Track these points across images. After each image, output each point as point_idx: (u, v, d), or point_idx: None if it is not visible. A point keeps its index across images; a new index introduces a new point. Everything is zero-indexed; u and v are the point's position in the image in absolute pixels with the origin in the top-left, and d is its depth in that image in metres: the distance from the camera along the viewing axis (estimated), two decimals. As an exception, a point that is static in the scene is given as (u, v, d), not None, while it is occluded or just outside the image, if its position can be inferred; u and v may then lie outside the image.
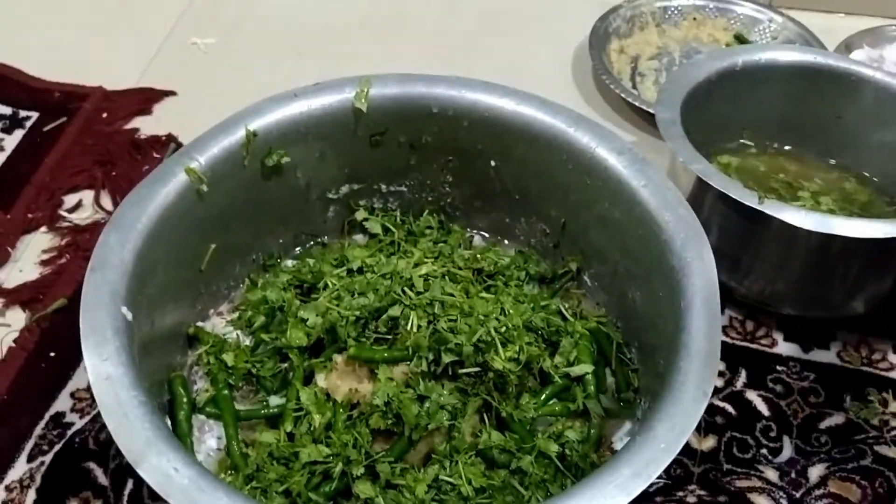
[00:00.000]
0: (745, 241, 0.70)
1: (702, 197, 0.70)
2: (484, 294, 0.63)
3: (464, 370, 0.57)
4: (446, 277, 0.62)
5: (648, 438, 0.46)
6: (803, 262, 0.70)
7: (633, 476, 0.45)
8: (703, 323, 0.52)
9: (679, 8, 1.03)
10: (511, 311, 0.62)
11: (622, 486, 0.44)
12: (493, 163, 0.69)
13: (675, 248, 0.56)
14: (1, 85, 0.95)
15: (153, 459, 0.45)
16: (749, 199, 0.66)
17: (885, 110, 0.78)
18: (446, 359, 0.57)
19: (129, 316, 0.52)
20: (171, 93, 0.95)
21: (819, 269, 0.70)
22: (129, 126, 0.91)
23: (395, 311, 0.59)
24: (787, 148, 0.82)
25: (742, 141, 0.83)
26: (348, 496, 0.56)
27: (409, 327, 0.58)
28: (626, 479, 0.45)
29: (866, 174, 0.80)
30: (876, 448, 0.65)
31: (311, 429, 0.58)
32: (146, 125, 0.91)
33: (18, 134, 0.90)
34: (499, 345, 0.58)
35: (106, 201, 0.84)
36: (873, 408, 0.68)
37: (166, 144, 0.88)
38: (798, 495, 0.62)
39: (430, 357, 0.57)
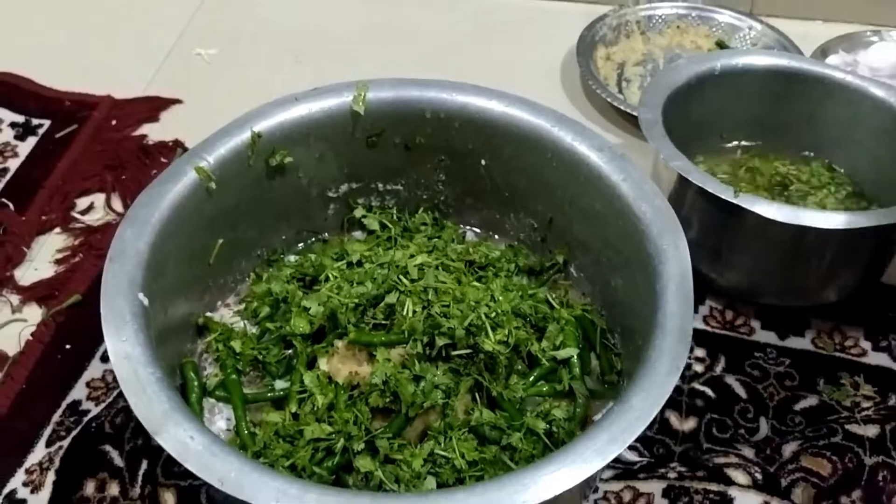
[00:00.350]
0: (723, 234, 0.74)
1: (682, 193, 0.74)
2: (475, 283, 0.67)
3: (456, 352, 0.61)
4: (440, 268, 0.66)
5: (624, 409, 0.50)
6: (778, 253, 0.74)
7: (609, 441, 0.48)
8: (677, 305, 0.56)
9: (663, 17, 1.08)
10: (500, 297, 0.66)
11: (599, 450, 0.48)
12: (483, 162, 0.73)
13: (652, 237, 0.60)
14: (14, 94, 0.99)
15: (171, 429, 0.49)
16: (725, 192, 0.70)
17: (856, 111, 0.82)
18: (440, 342, 0.61)
19: (146, 302, 0.56)
20: (177, 101, 0.99)
21: (792, 260, 0.74)
22: (137, 132, 0.95)
23: (391, 297, 0.63)
24: (761, 146, 0.86)
25: (722, 144, 0.87)
26: (350, 470, 0.59)
27: (404, 313, 0.62)
28: (604, 445, 0.48)
29: (839, 169, 0.84)
30: (847, 427, 0.69)
31: (315, 409, 0.61)
32: (153, 132, 0.96)
33: (32, 141, 0.94)
34: (489, 328, 0.62)
35: (116, 203, 0.88)
36: (845, 390, 0.72)
37: (173, 149, 0.93)
38: (772, 469, 0.65)
39: (425, 340, 0.61)
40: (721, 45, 1.05)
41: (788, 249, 0.73)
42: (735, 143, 0.87)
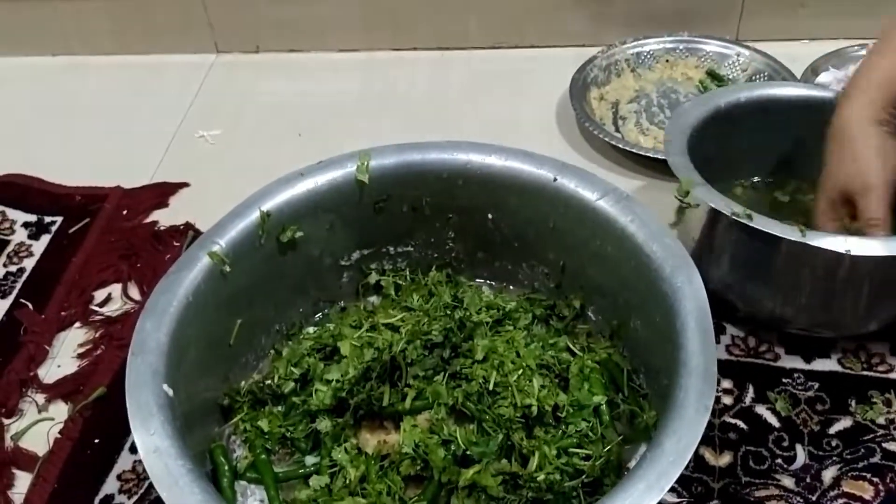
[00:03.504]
0: (764, 268, 0.71)
1: (714, 228, 0.73)
2: (496, 338, 0.67)
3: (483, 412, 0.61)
4: (461, 327, 0.67)
5: (657, 454, 0.50)
6: (822, 284, 0.70)
7: (646, 490, 0.48)
8: (698, 341, 0.56)
9: (651, 52, 1.10)
10: (523, 353, 0.66)
11: (638, 499, 0.48)
12: (489, 216, 0.74)
13: (665, 276, 0.60)
14: (25, 194, 1.01)
15: (205, 521, 0.49)
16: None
17: None
18: (470, 409, 0.61)
19: (171, 392, 0.56)
20: (185, 184, 1.01)
21: (834, 291, 0.71)
22: (148, 219, 0.97)
23: (416, 366, 0.64)
24: (784, 179, 0.86)
25: (748, 179, 0.86)
26: (387, 542, 0.59)
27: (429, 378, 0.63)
28: (641, 493, 0.48)
29: None
30: (884, 445, 0.68)
31: (347, 482, 0.61)
32: (164, 217, 0.97)
33: (45, 238, 0.96)
34: (515, 390, 0.62)
35: (133, 292, 0.89)
36: (878, 408, 0.71)
37: (185, 232, 0.94)
38: (814, 498, 0.64)
39: (450, 403, 0.61)
40: (712, 75, 1.07)
41: (830, 279, 0.69)
42: (754, 178, 0.87)
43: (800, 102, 0.83)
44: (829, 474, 0.66)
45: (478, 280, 0.78)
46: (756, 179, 0.87)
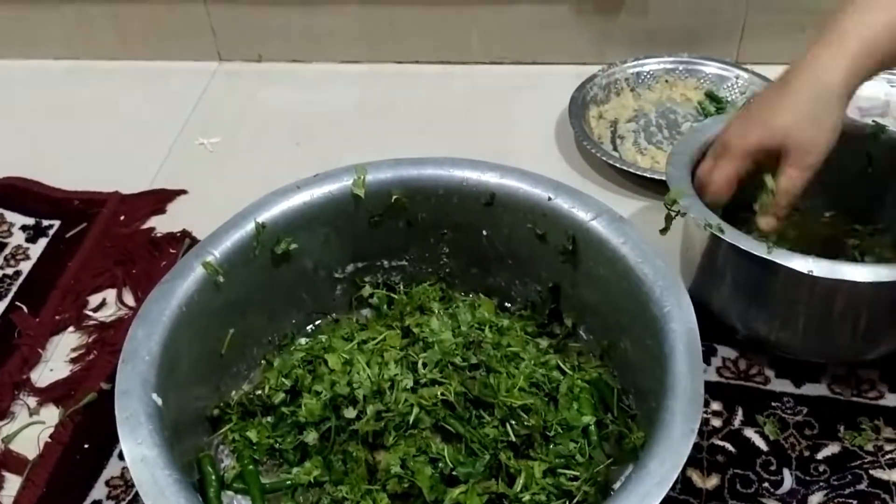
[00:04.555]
0: (758, 290, 0.71)
1: (715, 249, 0.73)
2: (490, 354, 0.68)
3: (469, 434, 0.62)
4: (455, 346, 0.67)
5: (642, 475, 0.50)
6: (815, 309, 0.70)
7: (631, 512, 0.48)
8: (686, 365, 0.56)
9: (651, 72, 1.10)
10: (515, 372, 0.66)
11: (622, 521, 0.48)
12: (484, 232, 0.74)
13: (656, 298, 0.61)
14: (24, 198, 1.02)
15: (190, 531, 0.49)
16: (759, 249, 0.67)
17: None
18: (455, 428, 0.61)
19: (160, 402, 0.57)
20: (183, 191, 1.01)
21: (831, 317, 0.70)
22: (145, 226, 0.97)
23: (403, 381, 0.64)
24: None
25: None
26: (372, 558, 0.59)
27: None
28: (625, 515, 0.48)
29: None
30: (871, 472, 0.68)
31: (332, 500, 0.62)
32: (161, 223, 0.97)
33: (42, 242, 0.96)
34: (505, 408, 0.63)
35: (128, 298, 0.89)
36: (867, 435, 0.71)
37: (181, 240, 0.94)
38: (800, 523, 0.65)
39: (439, 419, 0.61)
40: (711, 96, 1.07)
41: (825, 305, 0.69)
42: None
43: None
44: (815, 500, 0.66)
45: (471, 295, 0.79)
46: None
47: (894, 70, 1.03)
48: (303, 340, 0.76)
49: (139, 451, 0.53)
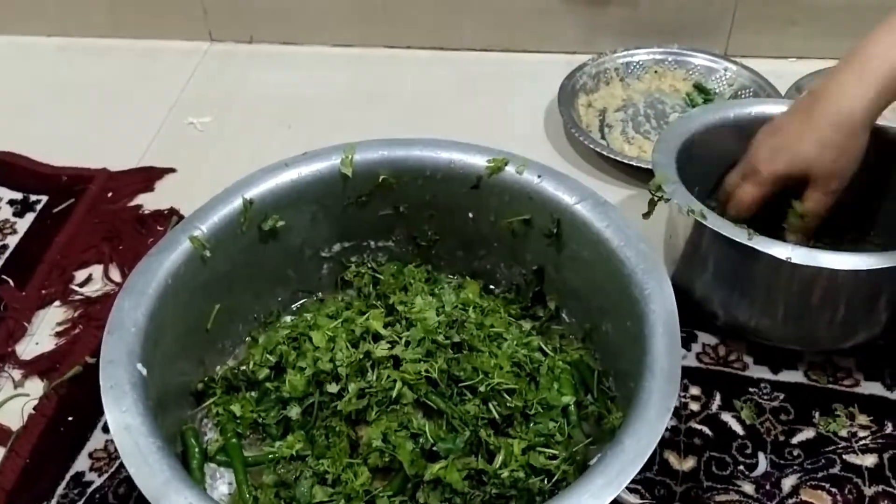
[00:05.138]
0: (739, 277, 0.72)
1: (698, 236, 0.74)
2: (474, 334, 0.69)
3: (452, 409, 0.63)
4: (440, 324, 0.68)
5: (617, 451, 0.51)
6: (794, 296, 0.71)
7: (605, 485, 0.49)
8: (664, 346, 0.57)
9: (640, 62, 1.11)
10: (498, 352, 0.67)
11: (595, 494, 0.49)
12: (470, 214, 0.75)
13: (637, 281, 0.62)
14: (12, 172, 1.01)
15: (172, 497, 0.49)
16: (739, 235, 0.68)
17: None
18: (437, 404, 0.62)
19: (144, 372, 0.57)
20: (171, 170, 1.02)
21: (809, 305, 0.71)
22: (133, 203, 0.97)
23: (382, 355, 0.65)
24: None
25: None
26: (352, 531, 0.60)
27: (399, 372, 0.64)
28: (599, 489, 0.49)
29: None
30: (845, 457, 0.69)
31: (314, 473, 0.62)
32: (149, 201, 0.98)
33: (30, 217, 0.96)
34: (484, 388, 0.63)
35: (114, 274, 0.89)
36: (841, 421, 0.72)
37: (169, 217, 0.94)
38: (773, 505, 0.66)
39: (420, 395, 0.62)
40: (699, 88, 1.08)
41: (804, 293, 0.70)
42: None
43: None
44: (788, 482, 0.67)
45: (456, 276, 0.79)
46: None
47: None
48: (288, 318, 0.77)
49: (123, 419, 0.53)
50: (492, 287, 0.79)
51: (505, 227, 0.74)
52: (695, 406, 0.74)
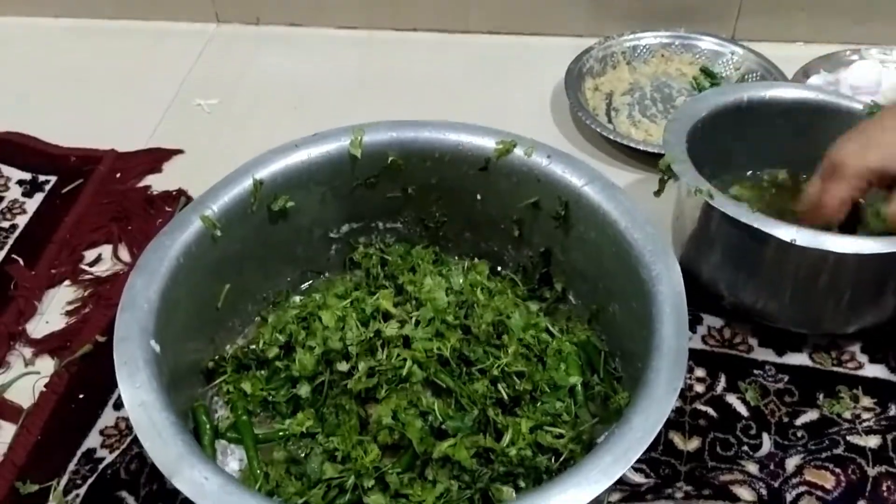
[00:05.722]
0: (745, 258, 0.72)
1: (706, 218, 0.74)
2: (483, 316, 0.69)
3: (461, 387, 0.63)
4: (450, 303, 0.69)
5: (625, 430, 0.52)
6: (800, 279, 0.71)
7: (613, 462, 0.50)
8: (672, 326, 0.57)
9: (647, 46, 1.11)
10: (505, 336, 0.68)
11: (604, 471, 0.50)
12: (478, 196, 0.75)
13: (645, 262, 0.62)
14: (21, 153, 1.02)
15: (186, 471, 0.50)
16: (745, 216, 0.68)
17: None
18: (446, 383, 0.63)
19: (157, 349, 0.58)
20: (179, 151, 1.02)
21: (815, 288, 0.71)
22: (141, 184, 0.98)
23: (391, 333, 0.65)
24: (786, 178, 0.85)
25: (750, 173, 0.85)
26: (362, 507, 0.61)
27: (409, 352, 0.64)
28: (608, 465, 0.50)
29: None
30: (848, 438, 0.70)
31: (324, 450, 0.63)
32: (157, 182, 0.98)
33: (38, 197, 0.97)
34: (494, 370, 0.64)
35: (124, 254, 0.90)
36: (845, 403, 0.73)
37: (177, 198, 0.95)
38: (776, 484, 0.66)
39: (429, 375, 0.63)
40: (706, 72, 1.08)
41: (810, 276, 0.71)
42: (769, 174, 0.85)
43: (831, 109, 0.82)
44: (792, 462, 0.68)
45: (464, 258, 0.80)
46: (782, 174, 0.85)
47: (887, 49, 1.04)
48: (297, 299, 0.77)
49: (138, 394, 0.54)
50: (499, 269, 0.79)
51: (512, 210, 0.74)
52: (700, 388, 0.75)
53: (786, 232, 0.67)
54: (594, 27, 1.13)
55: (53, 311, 0.85)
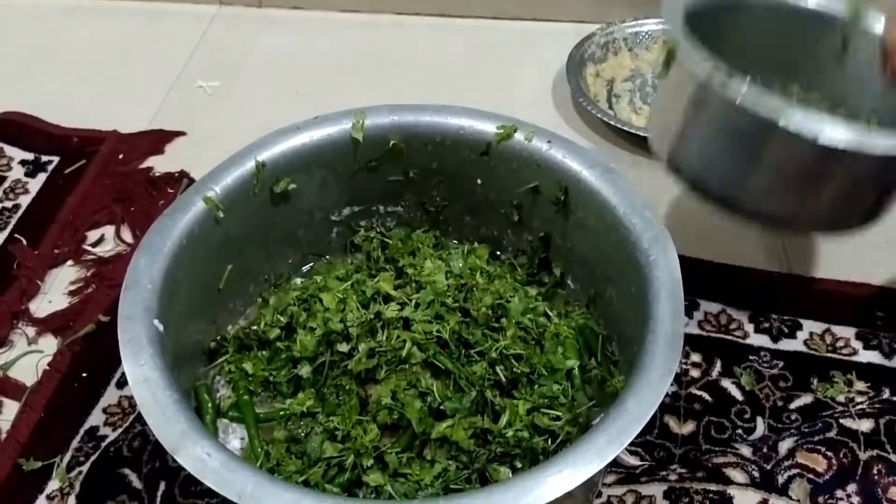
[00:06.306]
0: (734, 142, 0.65)
1: (696, 105, 0.67)
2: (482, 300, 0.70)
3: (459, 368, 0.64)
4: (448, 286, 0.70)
5: (620, 412, 0.52)
6: (787, 165, 0.64)
7: (607, 443, 0.51)
8: (668, 310, 0.58)
9: (649, 33, 1.11)
10: (504, 320, 0.69)
11: (598, 452, 0.50)
12: (478, 181, 0.76)
13: (643, 247, 0.63)
14: (24, 133, 1.02)
15: (188, 448, 0.51)
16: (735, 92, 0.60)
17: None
18: (445, 364, 0.64)
19: (161, 328, 0.59)
20: (181, 133, 1.02)
21: (804, 176, 0.64)
22: (143, 165, 0.98)
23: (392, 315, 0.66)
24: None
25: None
26: (361, 486, 0.62)
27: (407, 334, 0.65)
28: (602, 447, 0.51)
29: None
30: (841, 421, 0.71)
31: (324, 429, 0.64)
32: (159, 164, 0.99)
33: (41, 177, 0.97)
34: (493, 353, 0.65)
35: (126, 235, 0.91)
36: (839, 387, 0.74)
37: (179, 180, 0.95)
38: (769, 467, 0.68)
39: (428, 356, 0.64)
40: (707, 59, 1.08)
41: (798, 162, 0.63)
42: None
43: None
44: (785, 445, 0.69)
45: (465, 243, 0.80)
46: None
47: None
48: (298, 281, 0.78)
49: (141, 372, 0.55)
50: (498, 253, 0.80)
51: (512, 194, 0.75)
52: (695, 373, 0.76)
53: (775, 107, 0.59)
54: (596, 13, 1.13)
55: (56, 290, 0.86)
